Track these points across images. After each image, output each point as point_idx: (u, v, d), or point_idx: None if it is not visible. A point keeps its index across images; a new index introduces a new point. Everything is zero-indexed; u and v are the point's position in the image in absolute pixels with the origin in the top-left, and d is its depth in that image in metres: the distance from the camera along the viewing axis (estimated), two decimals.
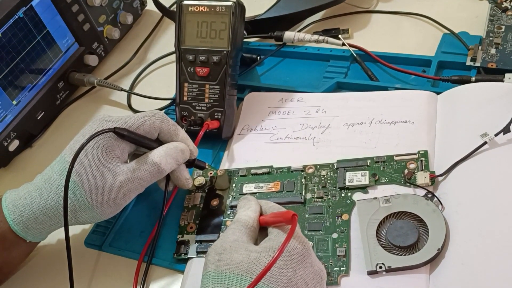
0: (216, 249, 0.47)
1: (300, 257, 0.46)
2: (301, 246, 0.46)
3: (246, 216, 0.50)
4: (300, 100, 0.69)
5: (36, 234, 0.55)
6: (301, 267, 0.45)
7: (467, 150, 0.55)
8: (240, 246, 0.46)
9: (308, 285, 0.45)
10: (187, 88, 0.67)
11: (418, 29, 0.77)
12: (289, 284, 0.44)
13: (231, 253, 0.46)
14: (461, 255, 0.49)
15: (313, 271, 0.46)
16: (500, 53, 0.66)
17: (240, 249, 0.46)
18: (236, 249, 0.46)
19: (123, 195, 0.54)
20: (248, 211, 0.51)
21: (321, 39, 0.74)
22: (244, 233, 0.48)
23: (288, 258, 0.45)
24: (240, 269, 0.44)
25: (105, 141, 0.54)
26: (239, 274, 0.44)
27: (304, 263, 0.46)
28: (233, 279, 0.44)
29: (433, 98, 0.63)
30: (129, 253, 0.60)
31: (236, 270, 0.44)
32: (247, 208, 0.51)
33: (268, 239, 0.48)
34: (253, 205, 0.51)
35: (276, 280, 0.44)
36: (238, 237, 0.47)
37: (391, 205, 0.54)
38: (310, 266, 0.46)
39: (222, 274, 0.45)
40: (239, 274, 0.44)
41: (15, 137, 0.73)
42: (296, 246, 0.46)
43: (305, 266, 0.46)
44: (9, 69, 0.71)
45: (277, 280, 0.44)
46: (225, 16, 0.65)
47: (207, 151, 0.67)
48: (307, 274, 0.45)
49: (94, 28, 0.82)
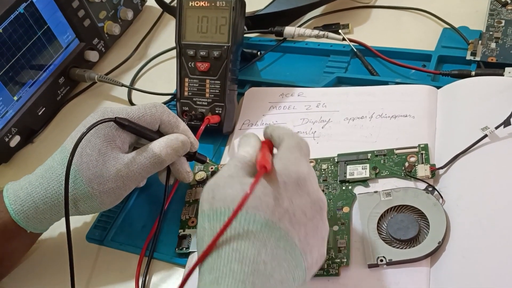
0: (210, 186, 0.44)
1: (295, 187, 0.44)
2: (296, 175, 0.44)
3: (243, 151, 0.47)
4: (300, 95, 0.69)
5: (37, 225, 0.55)
6: (297, 196, 0.43)
7: (467, 144, 0.55)
8: (235, 181, 0.43)
9: (307, 214, 0.44)
10: (188, 83, 0.67)
11: (418, 24, 0.77)
12: (286, 214, 0.42)
13: (225, 189, 0.43)
14: (462, 248, 0.49)
15: (311, 200, 0.44)
16: (500, 47, 0.66)
17: (234, 184, 0.43)
18: (230, 184, 0.43)
19: (123, 184, 0.54)
20: (246, 147, 0.48)
21: (322, 34, 0.74)
22: (239, 168, 0.45)
23: (283, 188, 0.43)
24: (234, 204, 0.41)
25: (106, 131, 0.54)
26: (231, 207, 0.42)
27: (300, 192, 0.44)
28: (226, 212, 0.42)
29: (433, 92, 0.63)
30: (130, 248, 0.60)
31: (231, 205, 0.42)
32: (246, 145, 0.48)
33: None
34: (252, 141, 0.48)
35: (272, 211, 0.42)
36: (233, 172, 0.44)
37: (391, 198, 0.54)
38: (307, 195, 0.44)
39: (217, 211, 0.42)
40: (230, 206, 0.42)
41: (16, 133, 0.73)
42: (291, 176, 0.44)
43: (301, 195, 0.44)
44: (10, 65, 0.71)
45: (273, 211, 0.42)
46: (226, 11, 0.66)
47: (208, 146, 0.67)
48: (304, 203, 0.44)
49: (95, 24, 0.82)
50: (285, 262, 0.41)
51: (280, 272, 0.41)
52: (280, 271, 0.41)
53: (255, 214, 0.41)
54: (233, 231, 0.41)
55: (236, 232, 0.41)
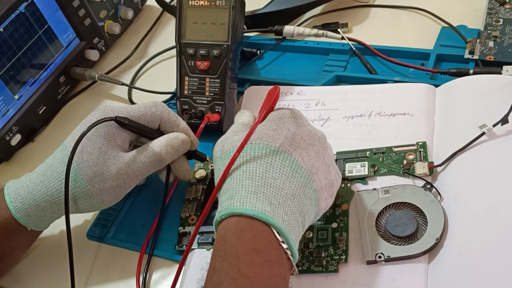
0: (219, 141, 0.51)
1: (291, 119, 0.49)
2: (290, 111, 0.50)
3: (242, 119, 0.54)
4: (299, 93, 0.69)
5: (37, 222, 0.56)
6: (294, 125, 0.49)
7: (465, 141, 0.55)
8: (239, 133, 0.51)
9: (305, 140, 0.48)
10: (188, 81, 0.68)
11: (416, 22, 0.77)
12: (286, 141, 0.47)
13: (232, 137, 0.50)
14: (459, 245, 0.49)
15: (307, 130, 0.49)
16: (498, 46, 0.66)
17: (239, 133, 0.50)
18: (236, 134, 0.50)
19: (123, 182, 0.55)
20: (243, 118, 0.54)
21: (321, 33, 0.74)
22: (241, 127, 0.52)
23: (280, 122, 0.49)
24: (238, 141, 0.47)
25: (106, 130, 0.54)
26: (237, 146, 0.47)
27: (296, 123, 0.49)
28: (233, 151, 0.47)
29: (432, 90, 0.64)
30: (131, 245, 0.60)
31: (238, 144, 0.47)
32: (242, 116, 0.55)
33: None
34: (247, 112, 0.55)
35: (273, 139, 0.47)
36: (236, 129, 0.52)
37: (390, 196, 0.54)
38: (302, 125, 0.50)
39: (227, 151, 0.48)
40: (237, 145, 0.47)
41: (17, 132, 0.74)
42: (285, 112, 0.50)
43: (297, 125, 0.49)
44: (10, 64, 0.71)
45: (274, 139, 0.47)
46: (225, 10, 0.66)
47: (208, 144, 0.67)
48: (301, 131, 0.49)
49: (95, 23, 0.82)
50: (293, 178, 0.46)
51: (290, 186, 0.46)
52: (290, 185, 0.46)
53: (258, 143, 0.47)
54: (242, 159, 0.47)
55: (244, 159, 0.47)
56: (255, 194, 0.44)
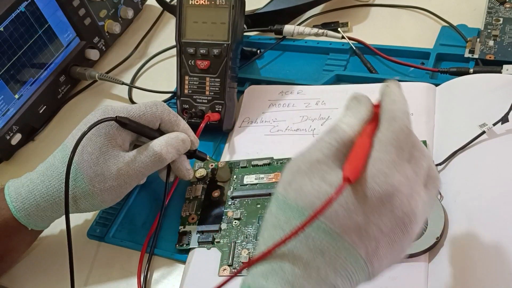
0: (293, 166, 0.39)
1: (377, 203, 0.36)
2: (381, 191, 0.36)
3: (347, 125, 0.39)
4: (300, 92, 0.69)
5: (38, 222, 0.56)
6: (377, 213, 0.37)
7: (465, 140, 0.55)
8: (318, 171, 0.37)
9: (383, 230, 0.37)
10: (188, 81, 0.68)
11: (416, 22, 0.77)
12: (356, 229, 0.36)
13: (304, 178, 0.37)
14: (460, 244, 0.49)
15: (393, 217, 0.37)
16: (498, 45, 0.66)
17: (316, 176, 0.37)
18: (312, 175, 0.37)
19: (124, 182, 0.55)
20: (352, 118, 0.39)
21: (321, 33, 0.75)
22: (333, 151, 0.38)
23: (362, 202, 0.36)
24: (304, 202, 0.37)
25: (107, 130, 0.55)
26: (302, 208, 0.37)
27: (382, 210, 0.37)
28: (295, 212, 0.37)
29: (432, 89, 0.64)
30: (131, 244, 0.60)
31: (301, 202, 0.37)
32: (352, 114, 0.40)
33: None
34: (361, 111, 0.40)
35: (341, 223, 0.36)
36: (324, 157, 0.38)
37: None
38: (389, 213, 0.37)
39: (287, 203, 0.38)
40: (302, 207, 0.37)
41: (17, 131, 0.74)
42: (374, 189, 0.36)
43: (382, 213, 0.37)
44: (11, 63, 0.71)
45: (342, 224, 0.36)
46: (225, 9, 0.66)
47: (208, 144, 0.68)
48: (382, 221, 0.37)
49: (95, 22, 0.82)
50: (342, 270, 0.37)
51: (336, 278, 0.37)
52: (336, 278, 0.37)
53: (321, 222, 0.36)
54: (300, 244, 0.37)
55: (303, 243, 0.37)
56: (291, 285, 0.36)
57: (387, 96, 0.40)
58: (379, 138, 0.38)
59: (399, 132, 0.38)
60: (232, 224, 0.58)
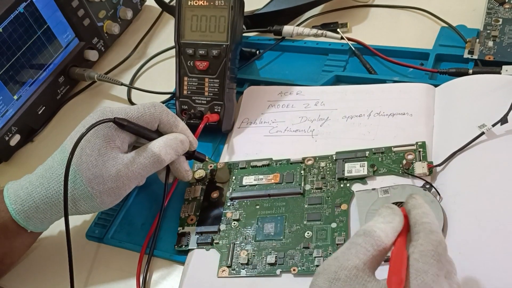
0: (330, 273, 0.38)
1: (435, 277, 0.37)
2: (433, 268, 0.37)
3: (382, 231, 0.39)
4: (299, 93, 0.69)
5: (37, 224, 0.56)
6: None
7: (464, 141, 0.55)
8: (358, 279, 0.37)
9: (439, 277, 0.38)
10: (187, 82, 0.68)
11: (416, 22, 0.77)
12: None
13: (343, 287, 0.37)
14: (459, 245, 0.49)
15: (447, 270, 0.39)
16: (498, 45, 0.66)
17: (356, 286, 0.37)
18: (352, 284, 0.37)
19: (123, 184, 0.54)
20: (386, 224, 0.39)
21: (320, 33, 0.75)
22: (369, 256, 0.38)
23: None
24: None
25: (105, 131, 0.54)
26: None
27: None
28: None
29: (431, 90, 0.64)
30: (130, 245, 0.60)
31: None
32: (387, 222, 0.40)
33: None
34: (396, 220, 0.40)
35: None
36: (360, 263, 0.37)
37: (389, 195, 0.54)
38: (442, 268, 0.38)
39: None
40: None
41: (16, 132, 0.74)
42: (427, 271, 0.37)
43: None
44: (10, 64, 0.71)
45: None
46: (224, 10, 0.66)
47: (207, 145, 0.68)
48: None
49: (94, 23, 0.82)
50: None
51: None
52: None
53: None
54: None
55: None
56: None
57: (418, 209, 0.40)
58: (420, 250, 0.38)
59: (438, 246, 0.38)
60: (231, 225, 0.58)
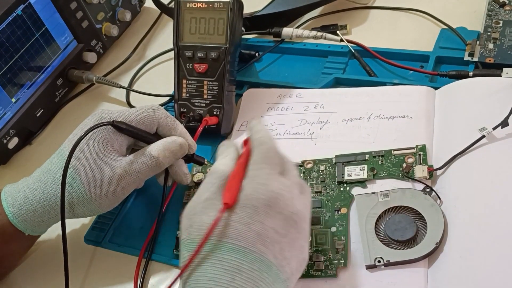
0: (189, 212, 0.45)
1: (266, 208, 0.43)
2: (266, 197, 0.43)
3: (222, 165, 0.46)
4: (298, 96, 0.69)
5: (35, 227, 0.55)
6: (269, 217, 0.43)
7: (465, 144, 0.55)
8: (211, 205, 0.44)
9: (279, 232, 0.43)
10: (186, 84, 0.67)
11: (416, 24, 0.77)
12: (258, 238, 0.42)
13: (201, 216, 0.44)
14: (459, 249, 0.49)
15: (283, 217, 0.44)
16: (498, 48, 0.66)
17: (210, 210, 0.44)
18: (207, 210, 0.44)
19: (121, 187, 0.54)
20: (225, 159, 0.47)
21: (319, 35, 0.74)
22: (218, 187, 0.45)
23: (254, 212, 0.43)
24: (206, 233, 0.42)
25: (103, 134, 0.54)
26: (209, 240, 0.42)
27: (271, 213, 0.43)
28: (205, 246, 0.42)
29: (431, 93, 0.63)
30: (129, 249, 0.60)
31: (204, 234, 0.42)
32: (224, 156, 0.47)
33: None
34: (231, 152, 0.48)
35: (244, 237, 0.42)
36: (211, 194, 0.45)
37: (389, 199, 0.54)
38: (278, 214, 0.43)
39: (194, 241, 0.43)
40: (209, 239, 0.42)
41: (14, 135, 0.73)
42: (260, 198, 0.43)
43: (273, 215, 0.43)
44: (8, 67, 0.71)
45: (246, 237, 0.42)
46: (223, 12, 0.66)
47: (206, 147, 0.67)
48: (276, 222, 0.43)
49: (93, 25, 0.82)
50: (261, 281, 0.42)
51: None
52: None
53: (227, 242, 0.42)
54: (208, 262, 0.42)
55: (211, 262, 0.42)
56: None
57: (252, 130, 0.48)
58: (252, 161, 0.46)
59: (268, 152, 0.46)
60: None
